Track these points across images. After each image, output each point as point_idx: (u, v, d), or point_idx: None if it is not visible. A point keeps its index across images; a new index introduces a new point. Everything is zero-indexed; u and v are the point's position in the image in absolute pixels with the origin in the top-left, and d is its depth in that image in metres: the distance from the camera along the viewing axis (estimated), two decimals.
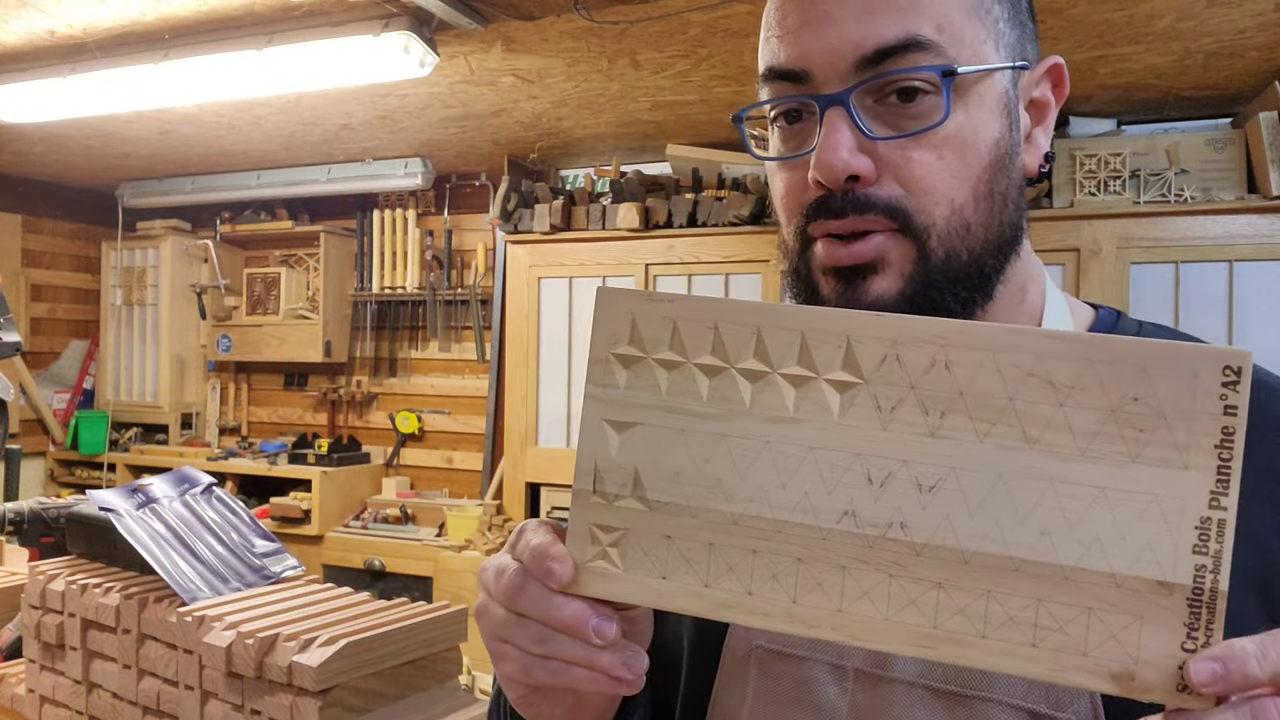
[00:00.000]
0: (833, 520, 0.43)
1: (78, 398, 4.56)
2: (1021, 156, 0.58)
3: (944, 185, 0.54)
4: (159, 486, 1.32)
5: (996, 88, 0.56)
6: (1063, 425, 0.41)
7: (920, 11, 0.53)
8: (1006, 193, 0.56)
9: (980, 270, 0.56)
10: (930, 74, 0.53)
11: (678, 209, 3.13)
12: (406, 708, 1.05)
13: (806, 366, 0.44)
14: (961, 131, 0.54)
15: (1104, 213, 2.63)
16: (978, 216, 0.55)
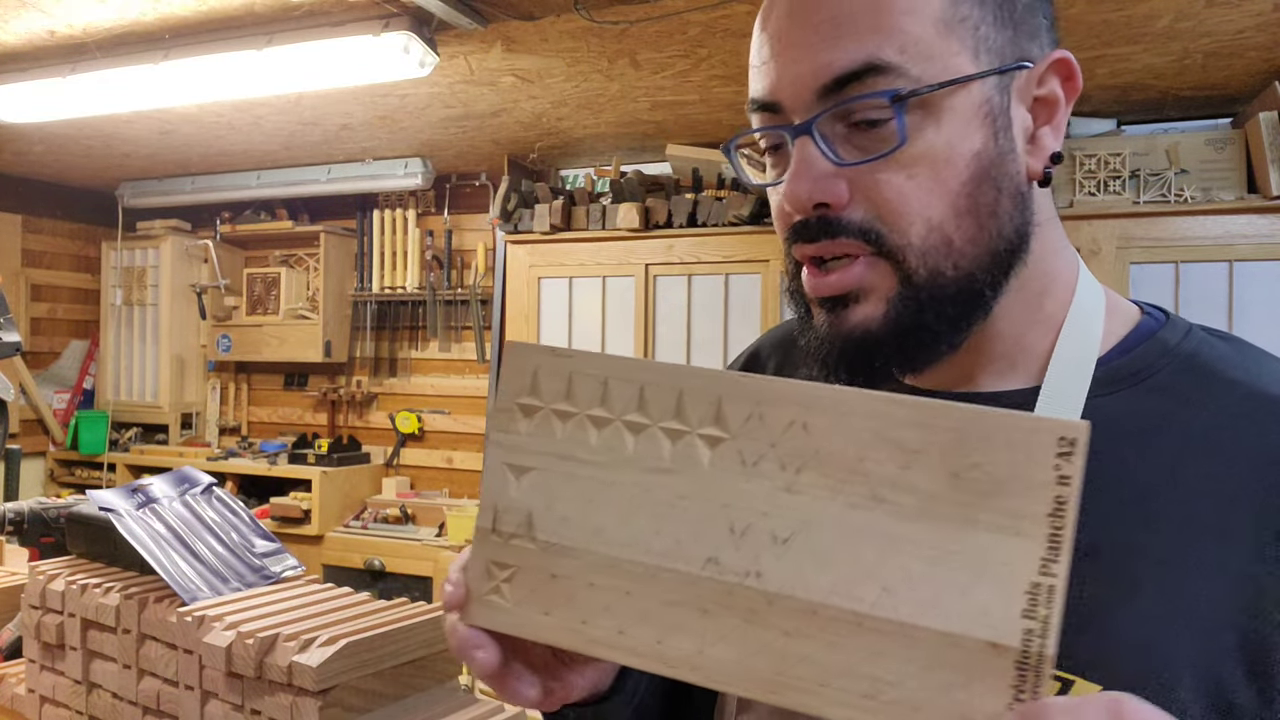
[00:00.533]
0: (698, 566, 0.45)
1: (78, 398, 4.56)
2: (1017, 162, 0.56)
3: (917, 204, 0.54)
4: (159, 486, 1.32)
5: (974, 98, 0.54)
6: (908, 486, 0.42)
7: (883, 33, 0.53)
8: (996, 204, 0.55)
9: (971, 287, 0.55)
10: (879, 100, 0.53)
11: (678, 209, 3.13)
12: (406, 708, 1.05)
13: (682, 421, 0.47)
14: (933, 148, 0.54)
15: (1104, 213, 2.63)
16: (961, 232, 0.54)
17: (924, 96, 0.53)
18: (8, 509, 1.62)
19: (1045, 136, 0.57)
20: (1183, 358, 0.57)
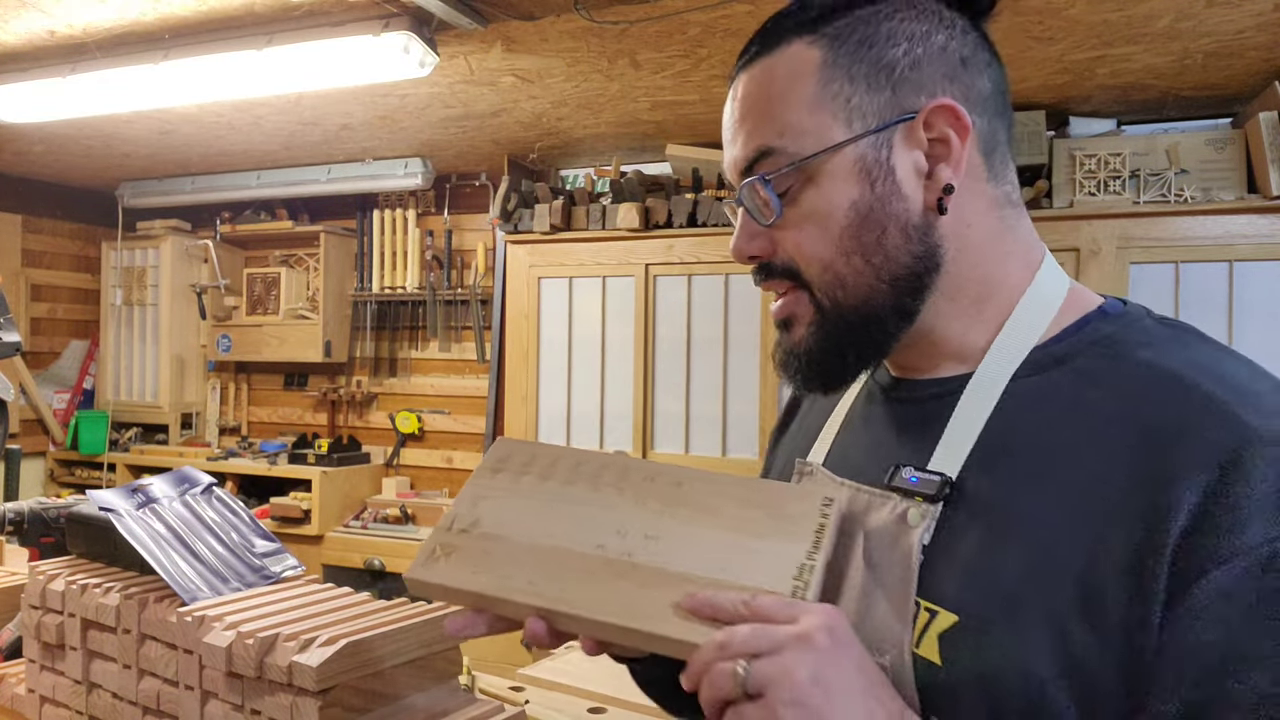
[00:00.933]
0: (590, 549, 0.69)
1: (78, 398, 4.56)
2: (904, 200, 0.67)
3: (810, 250, 0.68)
4: (159, 486, 1.32)
5: (848, 158, 0.67)
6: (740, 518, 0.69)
7: (767, 124, 0.68)
8: (881, 239, 0.67)
9: (872, 310, 0.68)
10: (755, 183, 0.68)
11: (678, 209, 3.13)
12: (406, 708, 1.05)
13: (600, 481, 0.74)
14: (815, 206, 0.67)
15: (1104, 213, 2.63)
16: (849, 267, 0.67)
17: (802, 165, 0.67)
18: (8, 509, 1.62)
19: (941, 172, 0.67)
20: (1104, 342, 0.66)
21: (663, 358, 3.20)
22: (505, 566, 0.70)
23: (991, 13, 0.74)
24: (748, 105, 0.70)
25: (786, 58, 0.68)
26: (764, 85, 0.69)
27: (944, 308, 0.69)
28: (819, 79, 0.67)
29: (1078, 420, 0.63)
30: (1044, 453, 0.63)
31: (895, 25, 0.68)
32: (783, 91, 0.68)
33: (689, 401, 3.15)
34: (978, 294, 0.70)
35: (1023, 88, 2.61)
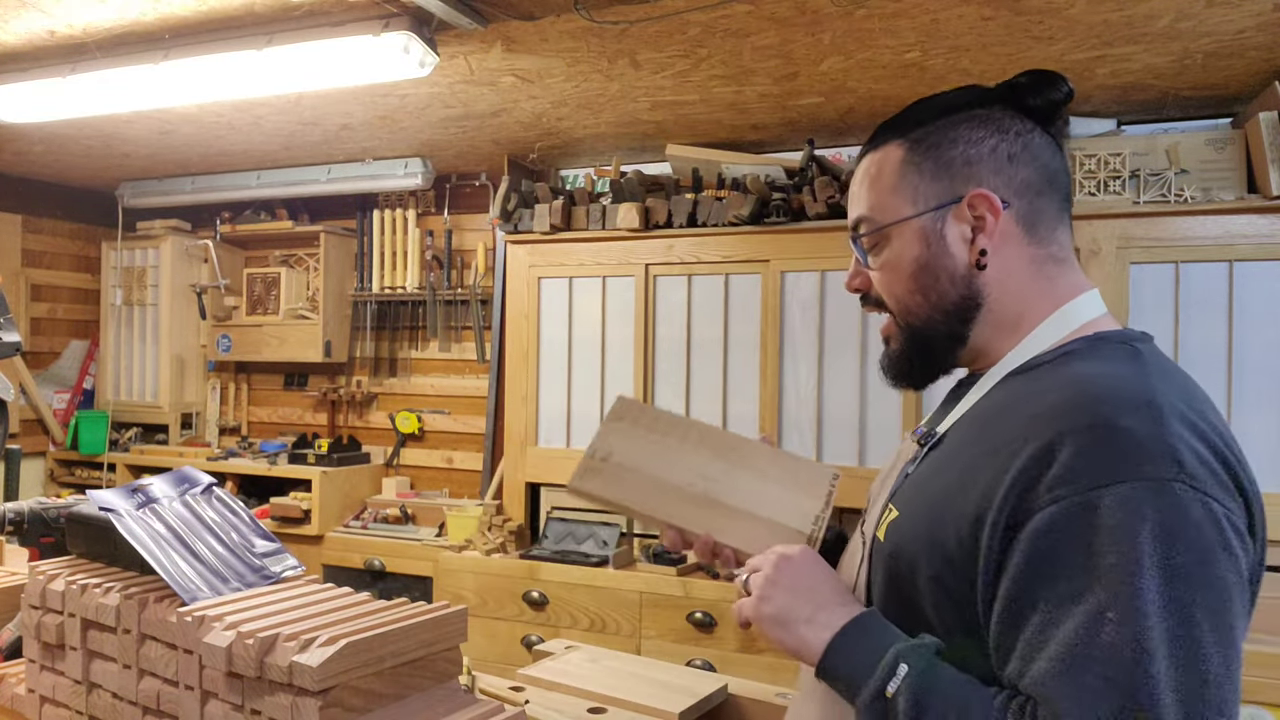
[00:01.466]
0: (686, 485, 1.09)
1: (78, 398, 4.56)
2: (953, 259, 0.95)
3: (888, 290, 0.99)
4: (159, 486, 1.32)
5: (913, 227, 0.96)
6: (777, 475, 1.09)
7: (866, 200, 1.00)
8: (935, 284, 0.96)
9: (931, 332, 0.97)
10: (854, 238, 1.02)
11: (678, 209, 3.13)
12: (406, 708, 1.05)
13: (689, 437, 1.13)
14: (890, 259, 0.98)
15: (1104, 213, 2.63)
16: (912, 303, 0.98)
17: (882, 230, 0.98)
18: (8, 509, 1.62)
19: (980, 240, 0.94)
20: (1063, 357, 0.90)
21: (663, 358, 3.20)
22: (637, 490, 1.08)
23: (1057, 119, 1.04)
24: (858, 184, 1.02)
25: (883, 154, 1.00)
26: (867, 172, 1.01)
27: (989, 332, 0.96)
28: (899, 171, 0.98)
29: (1012, 406, 0.89)
30: (987, 424, 0.91)
31: (958, 132, 0.96)
32: (876, 178, 0.99)
33: (689, 401, 3.15)
34: (1014, 323, 0.96)
35: None
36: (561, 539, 3.21)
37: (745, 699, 1.42)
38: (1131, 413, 0.79)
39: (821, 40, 2.28)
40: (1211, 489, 0.78)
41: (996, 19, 2.13)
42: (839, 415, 2.93)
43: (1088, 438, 0.78)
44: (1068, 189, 1.01)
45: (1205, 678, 0.73)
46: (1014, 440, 0.82)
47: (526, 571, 3.06)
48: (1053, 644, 0.76)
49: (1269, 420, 2.51)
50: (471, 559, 3.17)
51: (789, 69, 2.49)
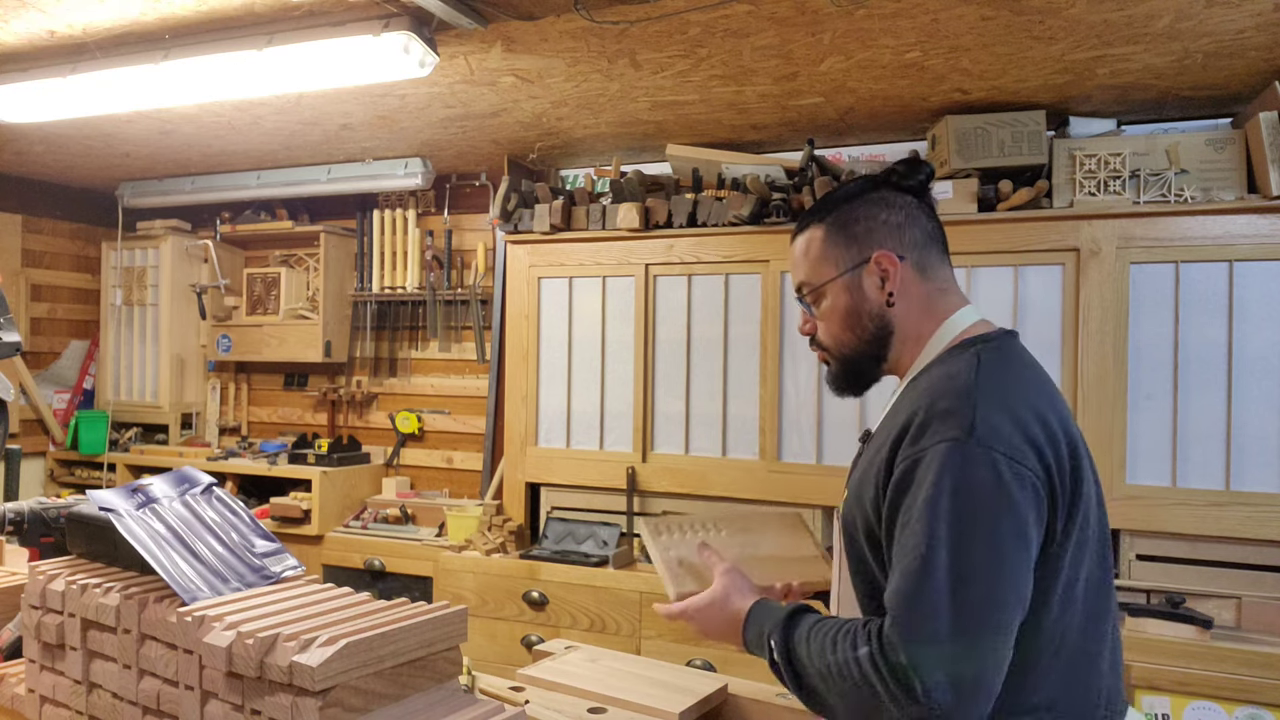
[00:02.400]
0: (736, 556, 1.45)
1: (78, 398, 4.56)
2: (869, 302, 1.31)
3: (827, 332, 1.36)
4: (159, 486, 1.32)
5: (838, 285, 1.33)
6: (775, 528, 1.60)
7: (801, 270, 1.37)
8: (859, 324, 1.32)
9: (858, 357, 1.35)
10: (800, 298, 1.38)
11: (678, 209, 3.13)
12: (406, 708, 1.05)
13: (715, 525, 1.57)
14: (827, 310, 1.35)
15: (1104, 213, 2.63)
16: (845, 339, 1.34)
17: (816, 290, 1.35)
18: (8, 509, 1.62)
19: (887, 285, 1.30)
20: (938, 360, 1.27)
21: (663, 358, 3.20)
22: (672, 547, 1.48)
23: (926, 193, 1.36)
24: (797, 258, 1.39)
25: (809, 234, 1.37)
26: (801, 249, 1.38)
27: (900, 349, 1.33)
28: (822, 245, 1.35)
29: (907, 401, 1.23)
30: (893, 416, 1.24)
31: (858, 212, 1.33)
32: (806, 252, 1.37)
33: (689, 401, 3.15)
34: (915, 340, 1.32)
35: (1023, 88, 2.61)
36: (561, 539, 3.21)
37: (745, 699, 1.42)
38: (948, 397, 1.15)
39: (821, 40, 2.28)
40: (999, 447, 1.10)
41: (996, 19, 2.13)
42: (838, 415, 2.93)
43: (920, 417, 1.16)
44: (944, 240, 1.35)
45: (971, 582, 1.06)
46: (896, 425, 1.20)
47: (526, 571, 3.06)
48: (896, 553, 1.13)
49: (1269, 420, 2.51)
50: (471, 559, 3.17)
51: (789, 69, 2.49)
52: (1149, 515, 2.58)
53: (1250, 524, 2.49)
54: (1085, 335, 2.65)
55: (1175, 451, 2.59)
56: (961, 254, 2.79)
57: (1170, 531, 2.58)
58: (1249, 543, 2.52)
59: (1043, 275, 2.72)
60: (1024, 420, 1.13)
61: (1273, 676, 2.23)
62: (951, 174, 2.78)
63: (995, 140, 2.71)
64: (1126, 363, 2.62)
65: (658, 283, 3.20)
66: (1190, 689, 2.29)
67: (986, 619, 1.05)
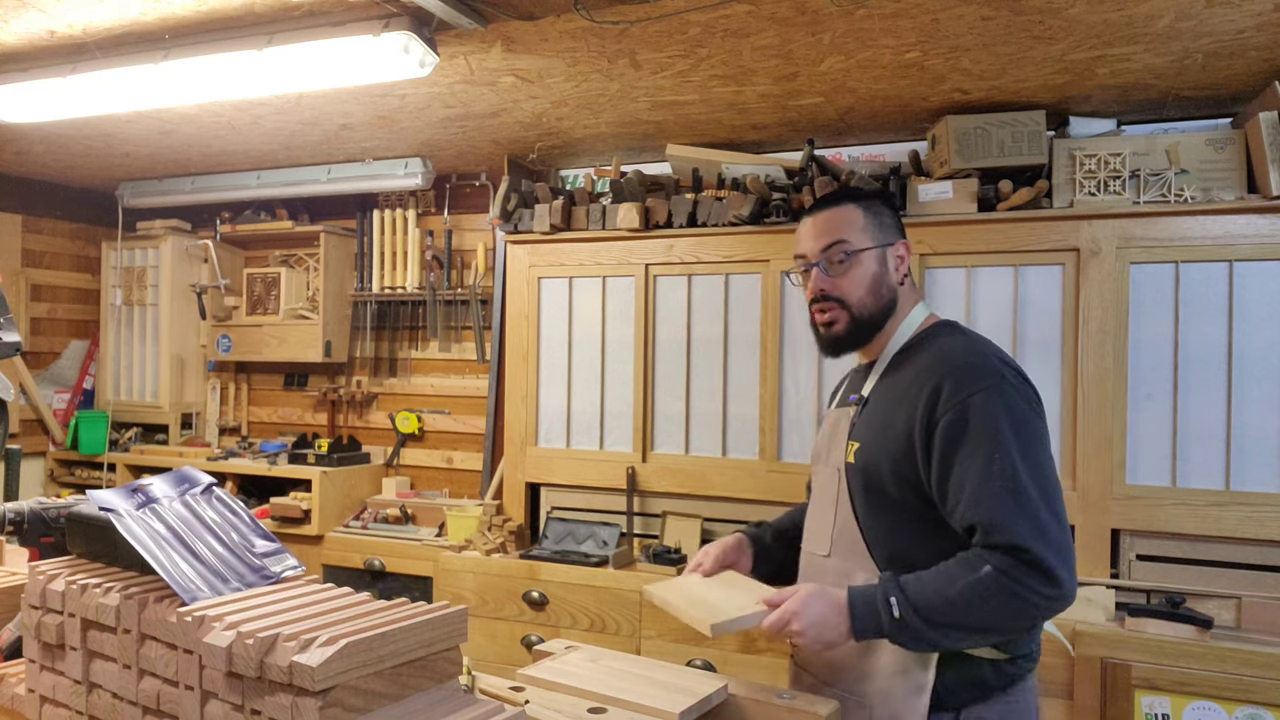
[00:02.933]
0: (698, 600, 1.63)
1: (78, 398, 4.56)
2: (889, 277, 1.63)
3: (851, 291, 1.62)
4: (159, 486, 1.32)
5: (872, 255, 1.62)
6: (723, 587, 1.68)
7: (839, 231, 1.62)
8: (879, 292, 1.62)
9: (872, 321, 1.63)
10: (833, 251, 1.63)
11: (678, 209, 3.13)
12: (406, 708, 1.05)
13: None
14: (858, 275, 1.62)
15: (1104, 213, 2.63)
16: (868, 302, 1.62)
17: (854, 252, 1.62)
18: (8, 509, 1.62)
19: (902, 267, 1.65)
20: (921, 340, 1.61)
21: (663, 358, 3.20)
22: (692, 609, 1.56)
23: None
24: (829, 223, 1.64)
25: (845, 208, 1.65)
26: (837, 216, 1.64)
27: (890, 324, 1.65)
28: (862, 220, 1.63)
29: (907, 368, 1.57)
30: (895, 382, 1.58)
31: (884, 206, 1.67)
32: (843, 218, 1.63)
33: (689, 401, 3.15)
34: (896, 319, 1.65)
35: (1023, 88, 2.61)
36: (561, 539, 3.21)
37: (745, 699, 1.42)
38: (963, 359, 1.50)
39: (821, 40, 2.28)
40: (1021, 388, 1.49)
41: (996, 19, 2.13)
42: None
43: (955, 374, 1.48)
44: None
45: (1048, 485, 1.43)
46: (916, 385, 1.53)
47: (526, 571, 3.06)
48: (969, 483, 1.42)
49: (1269, 420, 2.51)
50: (471, 559, 3.17)
51: (789, 69, 2.49)
52: (1149, 515, 2.58)
53: (1250, 524, 2.49)
54: (1085, 335, 2.65)
55: (1175, 451, 2.59)
56: (961, 254, 2.79)
57: (1170, 531, 2.58)
58: (1249, 543, 2.52)
59: (1043, 275, 2.72)
60: (1019, 369, 1.52)
61: (1273, 676, 2.23)
62: (951, 174, 2.78)
63: (995, 140, 2.71)
64: (1126, 362, 2.62)
65: (658, 283, 3.20)
66: (1190, 689, 2.29)
67: (1065, 518, 1.43)
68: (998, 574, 1.35)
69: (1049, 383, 2.70)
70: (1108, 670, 2.36)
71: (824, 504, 1.65)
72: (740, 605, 1.52)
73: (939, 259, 2.81)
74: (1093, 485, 2.63)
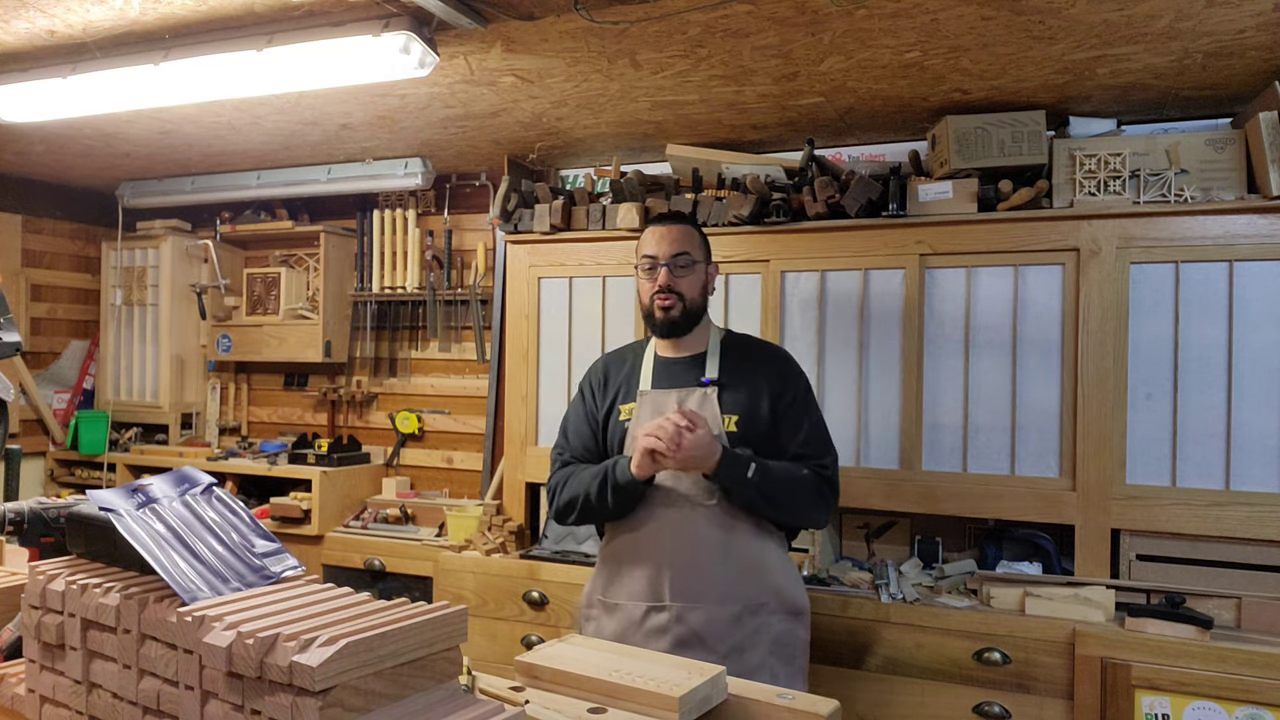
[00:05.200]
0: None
1: (78, 398, 4.56)
2: (708, 282, 2.24)
3: (689, 289, 2.18)
4: (159, 486, 1.32)
5: (701, 264, 2.21)
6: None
7: (687, 246, 2.19)
8: (704, 294, 2.22)
9: (696, 315, 2.20)
10: (682, 260, 2.18)
11: (678, 209, 3.12)
12: (406, 708, 1.05)
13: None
14: (693, 275, 2.19)
15: (1104, 213, 2.63)
16: (699, 297, 2.21)
17: (693, 263, 2.20)
18: (8, 509, 1.62)
19: (711, 282, 2.26)
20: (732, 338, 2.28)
21: None
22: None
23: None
24: (678, 235, 2.19)
25: (687, 228, 2.22)
26: (683, 232, 2.20)
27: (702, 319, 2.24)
28: (697, 239, 2.23)
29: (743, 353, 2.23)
30: (739, 364, 2.19)
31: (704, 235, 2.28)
32: (688, 238, 2.20)
33: None
34: (706, 321, 2.26)
35: (1023, 88, 2.61)
36: (561, 539, 3.21)
37: (745, 699, 1.42)
38: (776, 350, 2.29)
39: (821, 40, 2.28)
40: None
41: (996, 19, 2.13)
42: (838, 414, 2.93)
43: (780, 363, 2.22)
44: None
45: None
46: (762, 366, 2.18)
47: (526, 571, 3.06)
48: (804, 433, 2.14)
49: (1269, 420, 2.51)
50: (471, 559, 3.17)
51: (789, 69, 2.49)
52: (1149, 515, 2.58)
53: (1250, 524, 2.49)
54: (1085, 335, 2.65)
55: (1175, 451, 2.59)
56: (961, 254, 2.79)
57: (1170, 531, 2.58)
58: (1249, 543, 2.52)
59: (1043, 275, 2.72)
60: None
61: (1273, 676, 2.23)
62: (951, 174, 2.78)
63: (995, 140, 2.71)
64: (1126, 362, 2.62)
65: None
66: (1190, 689, 2.29)
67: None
68: (813, 477, 2.09)
69: (1049, 383, 2.70)
70: (1108, 670, 2.36)
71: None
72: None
73: (939, 259, 2.81)
74: (1093, 485, 2.63)
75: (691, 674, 1.40)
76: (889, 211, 2.83)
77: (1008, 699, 2.46)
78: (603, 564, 2.23)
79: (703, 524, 2.08)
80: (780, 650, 2.11)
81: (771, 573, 2.12)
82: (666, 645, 2.03)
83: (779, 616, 2.11)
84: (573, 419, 2.31)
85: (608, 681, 1.38)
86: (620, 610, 2.15)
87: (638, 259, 2.21)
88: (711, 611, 2.05)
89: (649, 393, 2.18)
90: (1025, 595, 2.52)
